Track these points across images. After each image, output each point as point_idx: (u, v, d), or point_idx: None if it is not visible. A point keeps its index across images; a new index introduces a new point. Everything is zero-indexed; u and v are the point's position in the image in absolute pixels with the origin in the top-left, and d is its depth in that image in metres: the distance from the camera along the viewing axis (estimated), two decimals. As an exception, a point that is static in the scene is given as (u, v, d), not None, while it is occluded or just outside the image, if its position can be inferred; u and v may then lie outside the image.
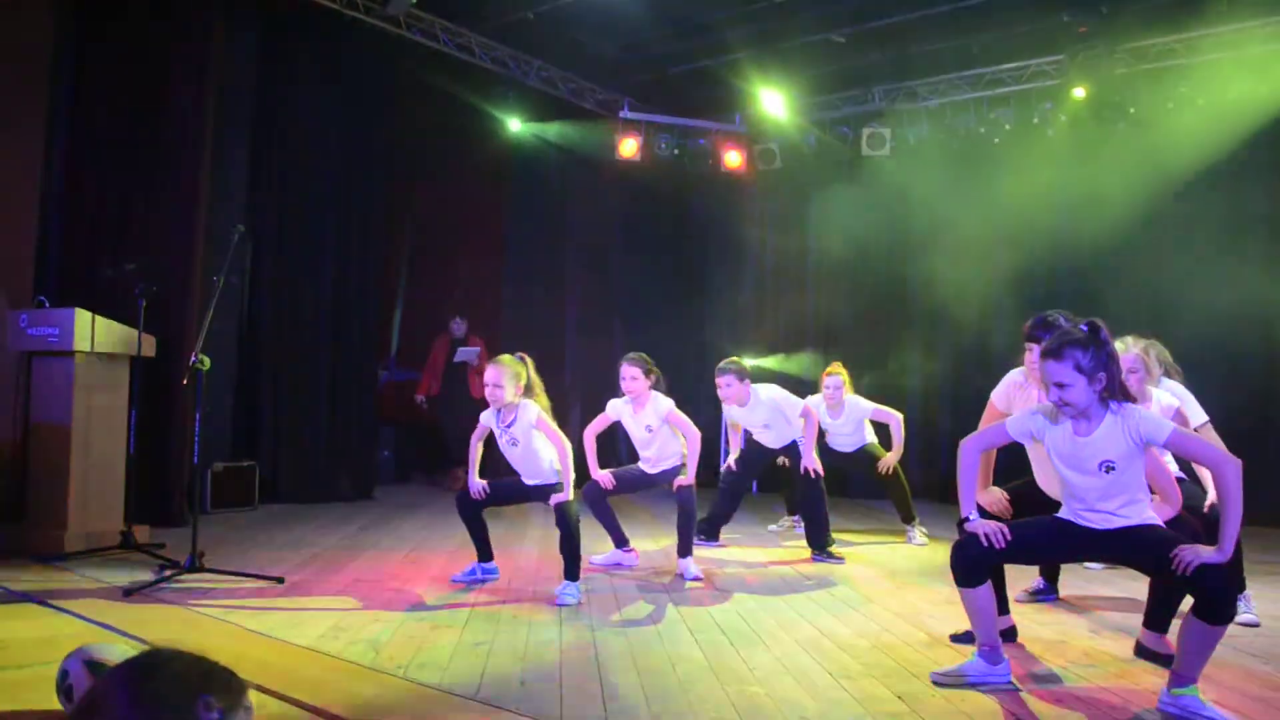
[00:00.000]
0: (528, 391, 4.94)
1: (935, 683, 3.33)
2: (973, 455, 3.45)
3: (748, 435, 6.55)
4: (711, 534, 6.48)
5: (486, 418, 5.16)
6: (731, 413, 6.41)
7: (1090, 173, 8.47)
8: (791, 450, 6.35)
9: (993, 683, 3.31)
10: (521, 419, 4.88)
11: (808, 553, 6.14)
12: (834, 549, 6.07)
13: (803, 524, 6.32)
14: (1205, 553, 2.96)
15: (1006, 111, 8.96)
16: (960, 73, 9.15)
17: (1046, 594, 4.79)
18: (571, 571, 4.69)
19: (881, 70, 9.31)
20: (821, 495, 6.11)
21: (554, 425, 4.92)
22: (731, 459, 6.62)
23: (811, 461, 6.07)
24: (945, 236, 9.39)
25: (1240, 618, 4.35)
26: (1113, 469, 3.16)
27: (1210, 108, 8.01)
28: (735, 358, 6.33)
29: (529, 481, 5.01)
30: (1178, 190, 7.92)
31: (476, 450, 5.22)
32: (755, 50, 8.85)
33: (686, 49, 9.00)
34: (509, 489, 5.18)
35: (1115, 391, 3.18)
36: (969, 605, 3.37)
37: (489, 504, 5.11)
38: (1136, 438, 3.13)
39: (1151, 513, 3.25)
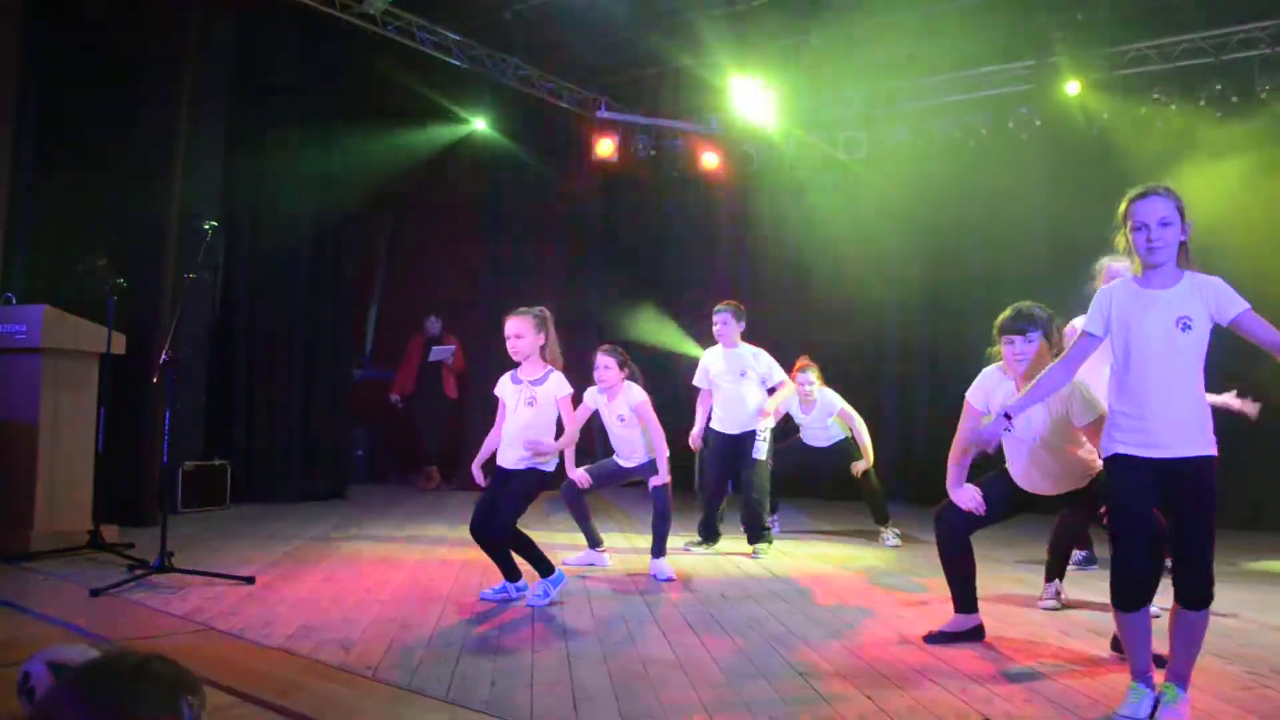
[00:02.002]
0: (550, 353, 4.68)
1: None
2: (1063, 377, 3.32)
3: (710, 429, 6.43)
4: (709, 536, 6.39)
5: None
6: (711, 360, 6.33)
7: (1065, 175, 8.55)
8: (747, 442, 6.23)
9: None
10: (550, 388, 4.64)
11: (778, 552, 6.20)
12: (764, 547, 6.20)
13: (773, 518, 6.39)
14: None
15: (982, 116, 9.02)
16: (936, 77, 9.20)
17: (1089, 562, 4.87)
18: (542, 570, 4.67)
19: (858, 74, 9.35)
20: (761, 487, 6.24)
21: (574, 415, 4.78)
22: (696, 431, 6.43)
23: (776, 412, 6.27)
24: (921, 239, 9.45)
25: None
26: (1190, 328, 2.99)
27: (1182, 113, 8.10)
28: (734, 301, 6.40)
29: (503, 461, 4.67)
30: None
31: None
32: (733, 52, 8.87)
33: (664, 50, 9.00)
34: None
35: (1188, 256, 3.07)
36: (1127, 630, 3.10)
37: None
38: (1213, 307, 3.00)
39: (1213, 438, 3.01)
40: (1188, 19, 7.83)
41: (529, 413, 4.62)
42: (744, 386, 6.23)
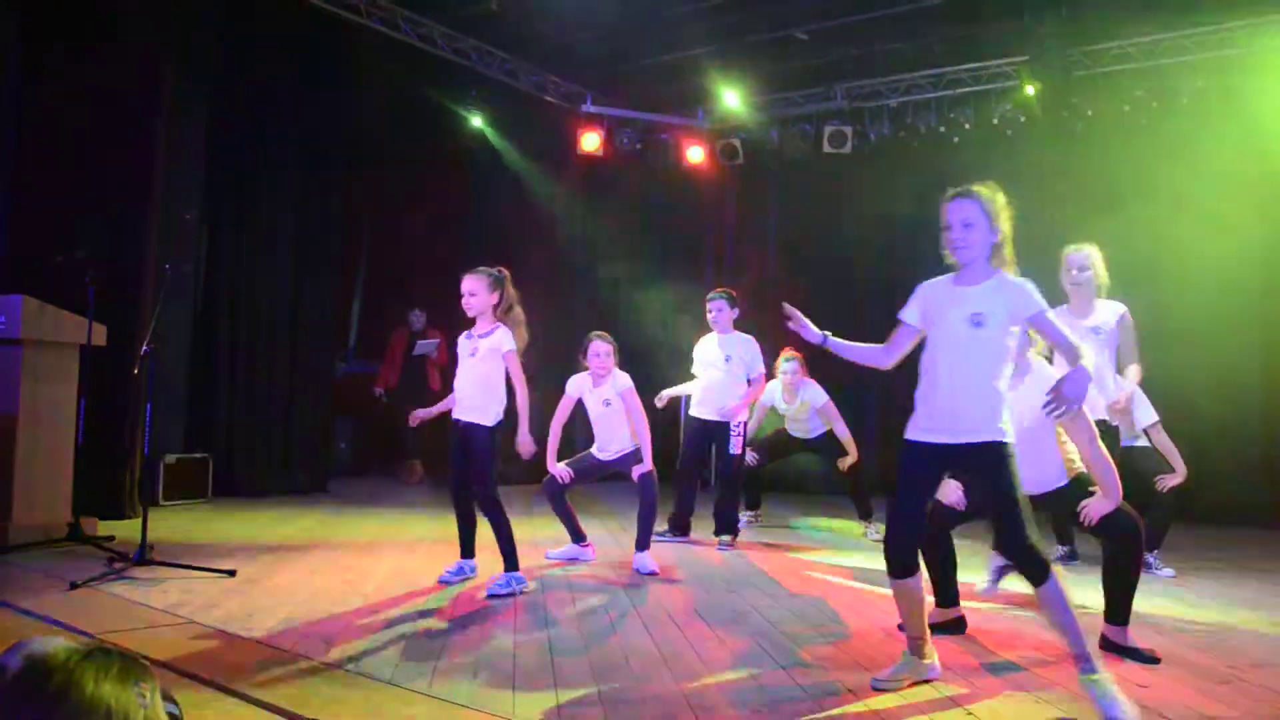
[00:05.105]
0: (504, 310, 4.77)
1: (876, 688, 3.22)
2: (882, 356, 3.49)
3: (688, 415, 6.53)
4: (680, 529, 6.47)
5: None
6: (702, 345, 6.48)
7: (1050, 171, 8.59)
8: (722, 431, 6.32)
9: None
10: (493, 341, 4.71)
11: (762, 546, 6.22)
12: (728, 538, 6.26)
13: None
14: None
15: (966, 111, 9.04)
16: (921, 72, 9.22)
17: (1071, 558, 4.84)
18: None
19: (844, 68, 9.36)
20: (734, 480, 6.36)
21: (520, 371, 4.75)
22: (668, 391, 6.62)
23: (738, 418, 6.24)
24: (905, 233, 9.46)
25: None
26: (981, 325, 3.12)
27: (1165, 110, 8.15)
28: (728, 288, 6.59)
29: (457, 414, 4.77)
30: (1130, 190, 8.06)
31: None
32: (718, 45, 8.86)
33: (650, 43, 8.98)
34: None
35: (1004, 257, 3.21)
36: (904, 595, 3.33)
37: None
38: (1011, 306, 3.12)
39: (1006, 428, 3.13)
40: (1169, 16, 7.87)
41: (470, 363, 4.77)
42: (726, 373, 6.33)
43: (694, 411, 6.44)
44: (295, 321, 8.25)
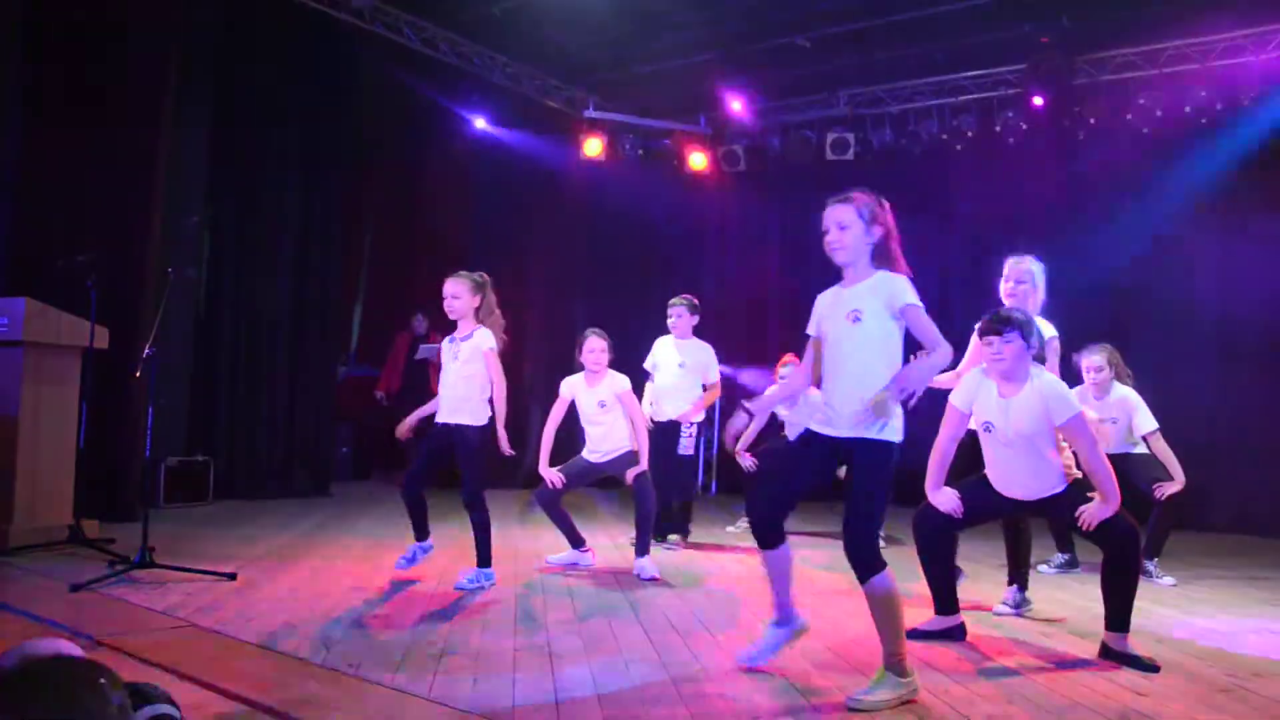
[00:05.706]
0: (485, 313, 4.95)
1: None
2: (802, 380, 3.62)
3: (653, 420, 6.49)
4: (659, 531, 6.45)
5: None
6: (659, 348, 6.51)
7: (1049, 180, 8.60)
8: (673, 431, 6.33)
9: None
10: (475, 341, 4.88)
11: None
12: (675, 538, 6.40)
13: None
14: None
15: (969, 119, 9.05)
16: (924, 79, 9.24)
17: (1071, 565, 4.75)
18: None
19: (846, 75, 9.37)
20: (685, 481, 6.43)
21: (499, 368, 4.89)
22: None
23: (692, 419, 6.29)
24: (907, 242, 9.47)
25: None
26: (859, 320, 3.23)
27: (1168, 119, 8.15)
28: (690, 296, 6.62)
29: (444, 417, 4.90)
30: (1133, 198, 8.07)
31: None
32: (721, 51, 8.88)
33: (652, 49, 9.00)
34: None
35: (889, 258, 3.31)
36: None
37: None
38: (885, 299, 3.22)
39: (894, 426, 3.19)
40: (1173, 25, 7.88)
41: (455, 365, 4.90)
42: (680, 378, 6.39)
43: (648, 412, 6.42)
44: (297, 325, 8.26)
